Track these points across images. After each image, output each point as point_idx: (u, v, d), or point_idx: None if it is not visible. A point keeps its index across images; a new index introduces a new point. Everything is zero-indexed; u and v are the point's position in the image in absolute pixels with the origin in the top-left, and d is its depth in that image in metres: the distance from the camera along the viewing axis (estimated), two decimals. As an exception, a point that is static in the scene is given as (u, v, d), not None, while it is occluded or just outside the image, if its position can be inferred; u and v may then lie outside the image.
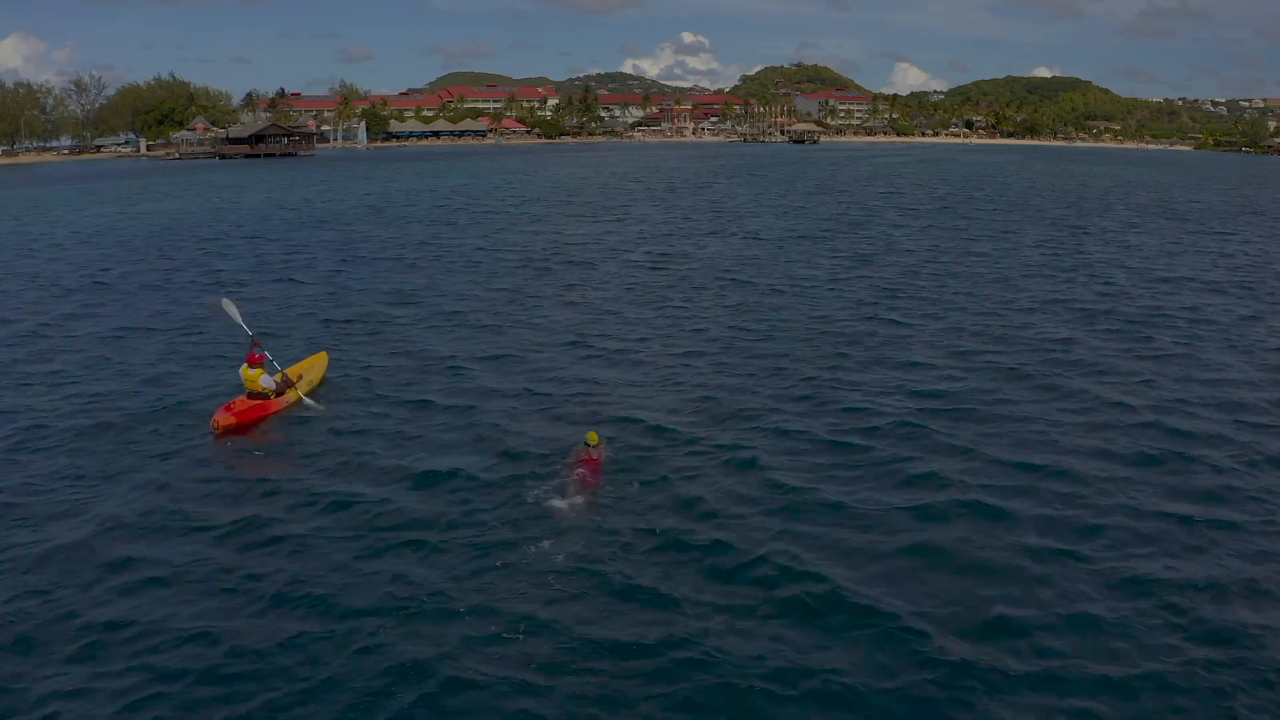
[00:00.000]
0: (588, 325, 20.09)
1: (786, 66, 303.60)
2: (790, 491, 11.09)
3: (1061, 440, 12.81)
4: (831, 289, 24.17)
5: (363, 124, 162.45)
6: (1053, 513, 10.62)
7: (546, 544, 9.82)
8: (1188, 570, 9.34)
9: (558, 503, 10.78)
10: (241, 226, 40.96)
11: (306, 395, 14.58)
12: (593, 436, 12.00)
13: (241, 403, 13.84)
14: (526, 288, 24.56)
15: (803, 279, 25.72)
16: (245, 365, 14.07)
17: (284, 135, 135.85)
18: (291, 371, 15.01)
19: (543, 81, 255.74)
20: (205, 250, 33.25)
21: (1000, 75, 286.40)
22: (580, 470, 11.47)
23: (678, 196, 55.07)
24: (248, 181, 74.41)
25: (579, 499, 10.87)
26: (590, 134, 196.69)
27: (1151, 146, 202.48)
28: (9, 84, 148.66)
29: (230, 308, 16.12)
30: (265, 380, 13.95)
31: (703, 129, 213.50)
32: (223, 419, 13.32)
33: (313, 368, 15.70)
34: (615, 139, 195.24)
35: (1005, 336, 18.85)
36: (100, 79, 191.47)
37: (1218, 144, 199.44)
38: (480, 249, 32.32)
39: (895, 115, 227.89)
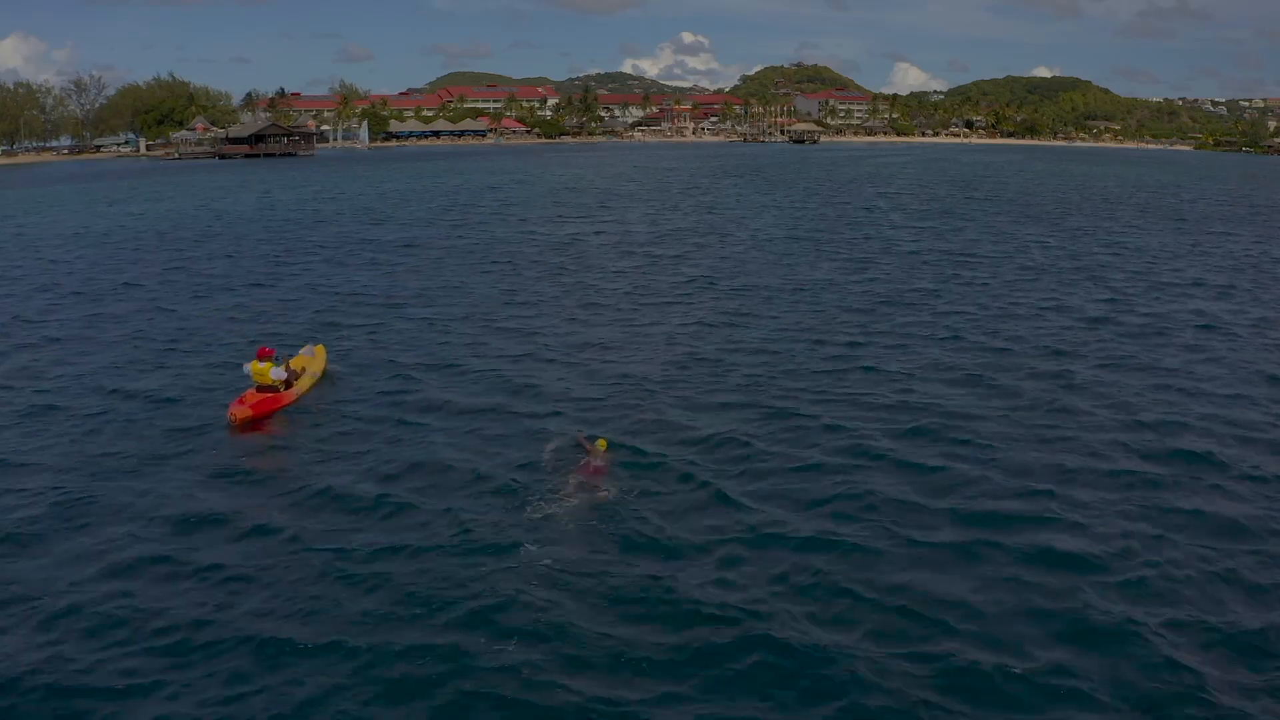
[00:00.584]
0: (580, 330, 19.92)
1: (786, 66, 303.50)
2: (780, 518, 10.69)
3: (1066, 463, 12.15)
4: (829, 295, 23.88)
5: (365, 124, 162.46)
6: (1058, 544, 9.97)
7: (545, 551, 9.82)
8: (1197, 613, 8.72)
9: (559, 508, 10.74)
10: (235, 227, 40.76)
11: (312, 384, 15.01)
12: (602, 443, 11.94)
13: (253, 395, 14.12)
14: (519, 292, 24.38)
15: (799, 284, 25.42)
16: (255, 360, 14.38)
17: (284, 135, 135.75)
18: (293, 363, 15.32)
19: (542, 81, 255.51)
20: (201, 251, 33.01)
21: (1000, 75, 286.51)
22: (584, 477, 11.42)
23: (674, 198, 54.84)
24: (247, 181, 74.19)
25: (581, 505, 10.85)
26: (590, 134, 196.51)
27: (1151, 146, 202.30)
28: (8, 84, 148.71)
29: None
30: (275, 373, 14.30)
31: (703, 129, 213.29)
32: (239, 412, 13.66)
33: (314, 360, 16.10)
34: (615, 139, 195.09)
35: (1006, 348, 18.18)
36: (100, 79, 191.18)
37: (1218, 144, 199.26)
38: (474, 252, 32.12)
39: (895, 115, 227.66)
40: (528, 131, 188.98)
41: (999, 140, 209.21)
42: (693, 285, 25.24)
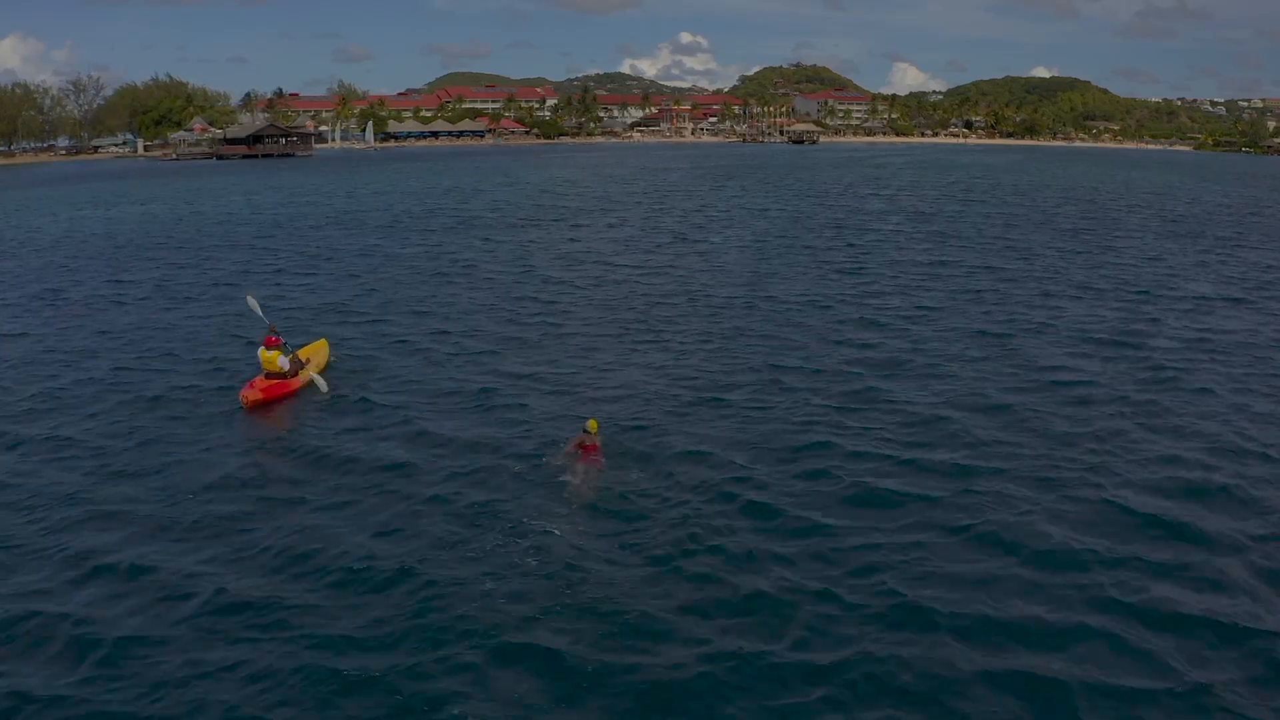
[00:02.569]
0: (572, 330, 19.85)
1: (785, 67, 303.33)
2: (778, 506, 10.89)
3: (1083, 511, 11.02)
4: (825, 306, 23.40)
5: (370, 124, 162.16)
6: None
7: (545, 532, 10.04)
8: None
9: (556, 488, 11.17)
10: (235, 229, 40.64)
11: (316, 376, 15.77)
12: (592, 424, 12.30)
13: (262, 381, 15.14)
14: (512, 294, 24.30)
15: (796, 295, 24.84)
16: (263, 348, 15.33)
17: (282, 136, 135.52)
18: (299, 354, 16.23)
19: (541, 82, 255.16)
20: (198, 250, 32.91)
21: (999, 75, 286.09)
22: (581, 457, 11.81)
23: (668, 200, 54.67)
24: (244, 183, 74.02)
25: (580, 485, 11.24)
26: (589, 134, 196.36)
27: (1151, 147, 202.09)
28: (6, 85, 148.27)
29: (253, 302, 17.64)
30: (282, 360, 15.25)
31: (701, 130, 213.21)
32: (250, 395, 14.70)
33: (317, 352, 16.95)
34: (614, 139, 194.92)
35: (1018, 370, 16.76)
36: (98, 79, 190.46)
37: (1217, 144, 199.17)
38: (467, 254, 32.04)
39: (895, 116, 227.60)
40: (526, 132, 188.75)
41: (998, 140, 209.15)
42: (686, 288, 25.04)
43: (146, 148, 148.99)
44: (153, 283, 27.25)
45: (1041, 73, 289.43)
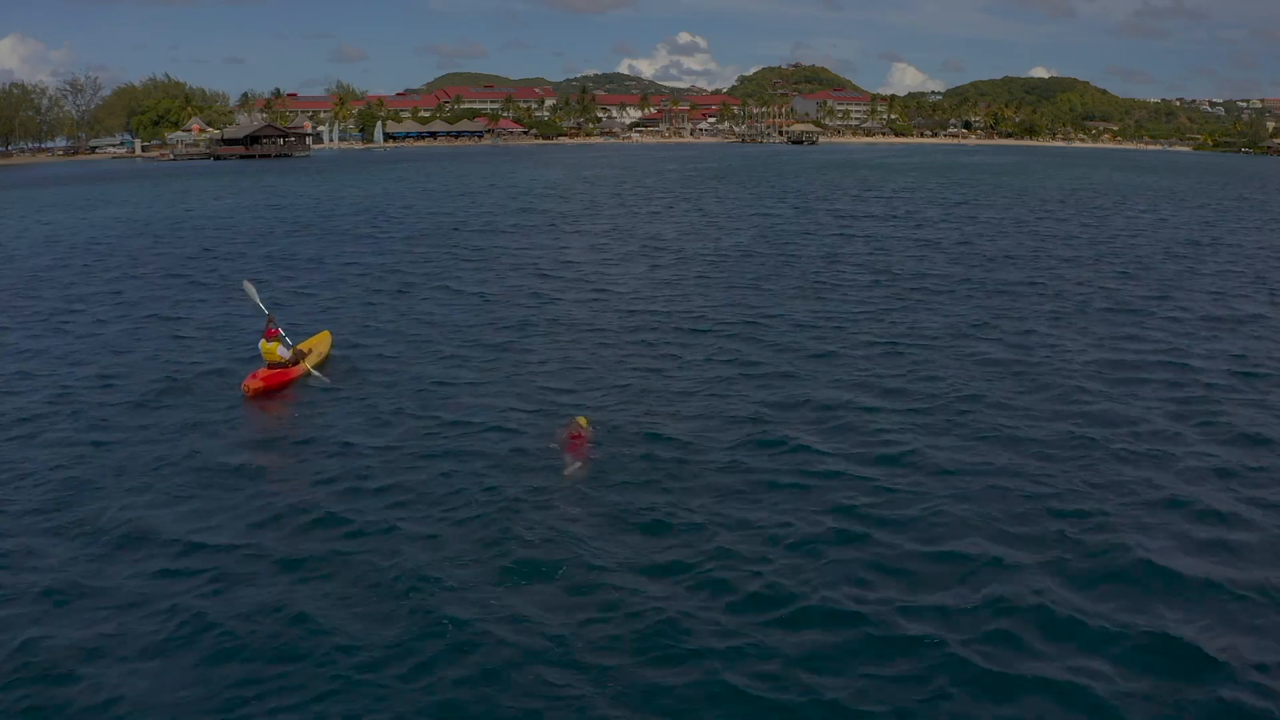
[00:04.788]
0: (561, 327, 19.75)
1: (784, 67, 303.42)
2: (764, 499, 10.90)
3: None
4: (835, 317, 22.48)
5: (379, 125, 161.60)
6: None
7: (532, 520, 10.21)
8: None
9: (546, 480, 11.35)
10: (238, 229, 40.40)
11: (314, 369, 16.22)
12: (583, 420, 12.62)
13: (264, 371, 15.67)
14: (506, 291, 24.02)
15: (796, 305, 23.63)
16: (263, 339, 15.78)
17: (279, 136, 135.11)
18: (301, 347, 16.73)
19: (540, 82, 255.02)
20: (195, 249, 32.65)
21: (996, 76, 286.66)
22: (569, 449, 12.05)
23: (661, 203, 54.24)
24: (244, 184, 73.72)
25: (567, 478, 11.42)
26: (588, 135, 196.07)
27: (1151, 147, 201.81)
28: (3, 85, 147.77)
29: (249, 289, 17.87)
30: (282, 350, 15.76)
31: (700, 130, 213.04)
32: (252, 384, 15.26)
33: (319, 344, 17.43)
34: (613, 139, 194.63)
35: (1029, 403, 14.68)
36: (96, 80, 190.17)
37: (1217, 145, 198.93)
38: (460, 254, 31.78)
39: (893, 116, 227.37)
40: (525, 132, 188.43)
41: (997, 141, 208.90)
42: (683, 294, 24.64)
43: (144, 148, 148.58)
44: (152, 282, 27.00)
45: (1040, 73, 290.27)
